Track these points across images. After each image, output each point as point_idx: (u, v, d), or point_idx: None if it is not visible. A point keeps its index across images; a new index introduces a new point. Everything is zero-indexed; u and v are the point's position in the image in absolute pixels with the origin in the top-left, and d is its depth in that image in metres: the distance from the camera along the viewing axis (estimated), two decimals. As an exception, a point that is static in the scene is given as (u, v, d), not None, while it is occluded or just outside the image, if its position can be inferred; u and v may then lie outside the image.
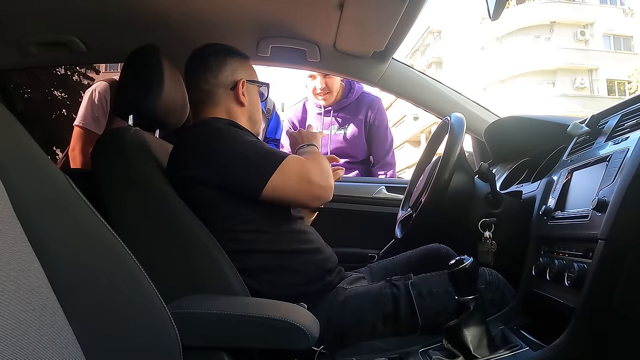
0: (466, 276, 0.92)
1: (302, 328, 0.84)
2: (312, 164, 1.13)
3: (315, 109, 2.26)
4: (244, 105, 1.25)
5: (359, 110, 2.22)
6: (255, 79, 1.31)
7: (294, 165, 1.10)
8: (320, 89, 2.15)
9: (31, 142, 0.66)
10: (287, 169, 1.08)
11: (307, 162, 1.13)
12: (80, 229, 0.68)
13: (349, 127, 2.22)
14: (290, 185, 1.09)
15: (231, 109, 1.24)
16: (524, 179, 1.39)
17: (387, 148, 2.28)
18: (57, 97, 4.49)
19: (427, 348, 0.99)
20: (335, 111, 2.22)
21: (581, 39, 20.04)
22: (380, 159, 2.25)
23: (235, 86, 1.23)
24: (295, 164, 1.11)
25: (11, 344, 0.50)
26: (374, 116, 2.22)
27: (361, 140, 2.21)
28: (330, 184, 1.13)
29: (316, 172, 1.11)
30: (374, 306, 1.10)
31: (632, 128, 0.91)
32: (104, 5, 1.35)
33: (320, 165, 1.15)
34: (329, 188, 1.13)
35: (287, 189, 1.09)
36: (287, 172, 1.08)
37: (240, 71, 1.26)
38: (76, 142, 2.00)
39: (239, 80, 1.24)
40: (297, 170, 1.10)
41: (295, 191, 1.10)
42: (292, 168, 1.09)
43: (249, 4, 1.38)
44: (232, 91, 1.23)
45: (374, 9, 1.31)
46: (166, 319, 0.73)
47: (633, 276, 0.75)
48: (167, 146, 1.23)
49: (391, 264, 1.39)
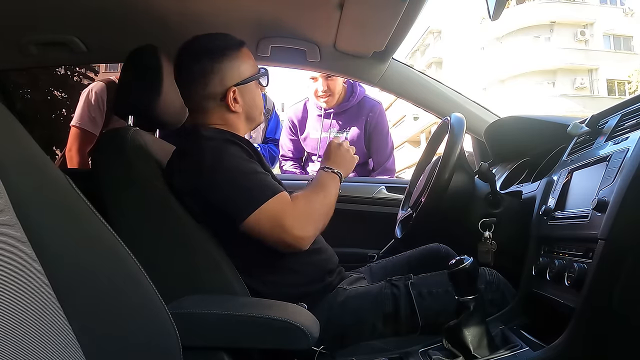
0: (466, 276, 0.92)
1: (302, 328, 0.84)
2: (296, 210, 1.05)
3: (316, 110, 2.25)
4: (239, 111, 1.17)
5: (359, 114, 2.21)
6: (250, 70, 1.18)
7: (274, 207, 1.03)
8: (322, 91, 2.14)
9: (31, 142, 0.66)
10: (266, 210, 1.03)
11: (292, 206, 1.05)
12: (80, 229, 0.68)
13: (349, 130, 2.21)
14: (264, 227, 1.03)
15: (225, 117, 1.17)
16: (524, 179, 1.39)
17: (388, 154, 2.27)
18: (57, 97, 4.49)
19: (427, 348, 0.99)
20: (335, 114, 2.21)
21: (581, 39, 20.03)
22: (380, 165, 2.25)
23: (225, 96, 1.14)
24: (276, 206, 1.04)
25: (11, 343, 0.50)
26: (374, 121, 2.21)
27: (360, 144, 2.19)
28: (308, 234, 1.06)
29: (295, 221, 1.04)
30: (374, 306, 1.10)
31: (632, 128, 0.91)
32: (104, 5, 1.35)
33: (308, 211, 1.07)
34: (305, 239, 1.05)
35: (259, 231, 1.04)
36: (264, 213, 1.03)
37: (229, 75, 1.14)
38: (73, 142, 2.00)
39: (228, 90, 1.14)
40: (274, 214, 1.03)
41: (268, 234, 1.04)
42: (271, 209, 1.03)
43: (249, 4, 1.38)
44: (223, 102, 1.15)
45: (374, 9, 1.31)
46: (166, 319, 0.73)
47: (633, 276, 0.75)
48: (167, 146, 1.23)
49: (391, 264, 1.39)
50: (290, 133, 2.34)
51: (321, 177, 1.18)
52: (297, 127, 2.31)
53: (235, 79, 1.15)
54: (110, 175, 1.08)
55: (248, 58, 1.19)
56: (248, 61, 1.19)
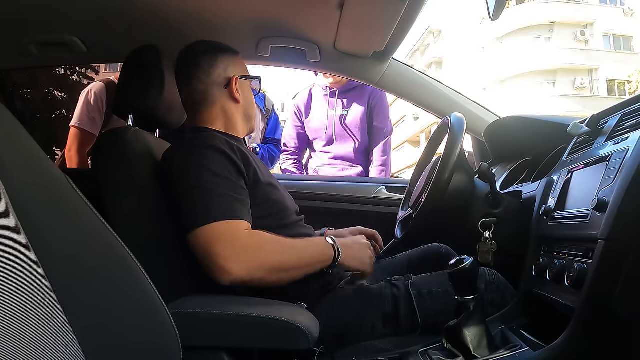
0: (466, 276, 0.92)
1: (302, 328, 0.84)
2: (239, 242, 0.96)
3: (322, 91, 2.35)
4: (239, 102, 1.23)
5: (363, 94, 2.32)
6: (247, 73, 1.28)
7: (213, 233, 0.96)
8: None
9: (31, 142, 0.66)
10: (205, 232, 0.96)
11: (237, 237, 0.96)
12: (80, 229, 0.68)
13: (353, 108, 2.32)
14: (198, 249, 0.97)
15: (226, 107, 1.22)
16: (524, 179, 1.39)
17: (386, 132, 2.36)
18: (57, 97, 4.49)
19: (427, 348, 0.98)
20: (340, 93, 2.32)
21: (581, 39, 20.04)
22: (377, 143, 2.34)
23: (229, 84, 1.21)
24: (215, 233, 0.96)
25: (11, 343, 0.50)
26: (376, 102, 2.32)
27: (363, 122, 2.31)
28: (237, 272, 0.93)
29: (230, 251, 0.94)
30: (374, 306, 1.10)
31: (632, 128, 0.91)
32: (104, 5, 1.35)
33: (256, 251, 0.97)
34: (231, 274, 0.93)
35: (195, 251, 0.98)
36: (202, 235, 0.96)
37: (232, 67, 1.23)
38: (72, 143, 2.01)
39: (232, 77, 1.21)
40: (220, 240, 0.95)
41: (201, 259, 0.97)
42: (209, 234, 0.96)
43: (249, 4, 1.38)
44: (226, 89, 1.21)
45: (374, 9, 1.31)
46: (166, 319, 0.73)
47: (633, 276, 0.75)
48: (167, 146, 1.23)
49: (391, 264, 1.39)
50: (295, 119, 2.42)
51: (317, 241, 1.10)
52: (302, 112, 2.40)
53: (238, 72, 1.24)
54: (110, 175, 1.08)
55: (244, 64, 1.29)
56: (244, 66, 1.29)
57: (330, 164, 2.33)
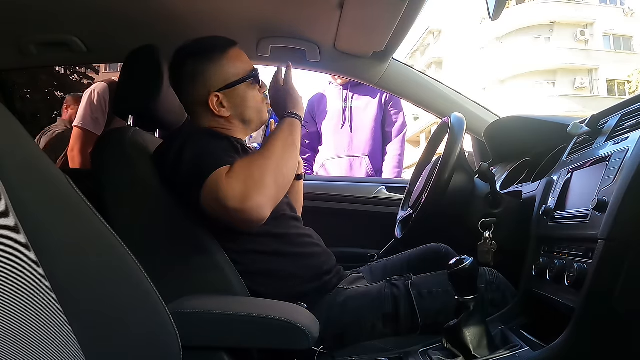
0: (466, 276, 0.92)
1: (302, 328, 0.84)
2: (231, 179, 0.94)
3: (334, 88, 2.44)
4: (225, 115, 1.16)
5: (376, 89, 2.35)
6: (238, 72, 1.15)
7: (211, 183, 0.95)
8: None
9: (31, 142, 0.66)
10: (207, 186, 0.95)
11: (227, 178, 0.94)
12: (80, 229, 0.68)
13: (366, 100, 2.39)
14: (211, 208, 0.96)
15: (216, 120, 1.17)
16: (524, 179, 1.39)
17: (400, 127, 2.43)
18: (57, 97, 4.50)
19: (427, 348, 0.98)
20: (352, 86, 2.40)
21: (581, 39, 20.03)
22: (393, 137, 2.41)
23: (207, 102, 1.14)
24: (212, 181, 0.95)
25: (12, 343, 0.50)
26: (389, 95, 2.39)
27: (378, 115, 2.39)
28: (249, 206, 0.92)
29: (235, 192, 0.92)
30: (374, 306, 1.09)
31: (632, 128, 0.91)
32: (104, 5, 1.35)
33: (246, 176, 0.95)
34: (249, 211, 0.92)
35: (212, 212, 0.97)
36: (206, 190, 0.95)
37: (213, 80, 1.13)
38: (75, 143, 2.01)
39: (210, 95, 1.13)
40: (214, 190, 0.94)
41: (218, 215, 0.97)
42: (209, 186, 0.95)
43: (249, 4, 1.38)
44: (207, 106, 1.14)
45: (374, 9, 1.31)
46: (166, 319, 0.73)
47: (633, 276, 0.75)
48: (167, 146, 1.23)
49: (391, 263, 1.39)
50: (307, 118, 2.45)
51: (283, 125, 1.09)
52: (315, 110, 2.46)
53: (219, 83, 1.14)
54: (110, 175, 1.08)
55: (236, 60, 1.17)
56: (235, 63, 1.16)
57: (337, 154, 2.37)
